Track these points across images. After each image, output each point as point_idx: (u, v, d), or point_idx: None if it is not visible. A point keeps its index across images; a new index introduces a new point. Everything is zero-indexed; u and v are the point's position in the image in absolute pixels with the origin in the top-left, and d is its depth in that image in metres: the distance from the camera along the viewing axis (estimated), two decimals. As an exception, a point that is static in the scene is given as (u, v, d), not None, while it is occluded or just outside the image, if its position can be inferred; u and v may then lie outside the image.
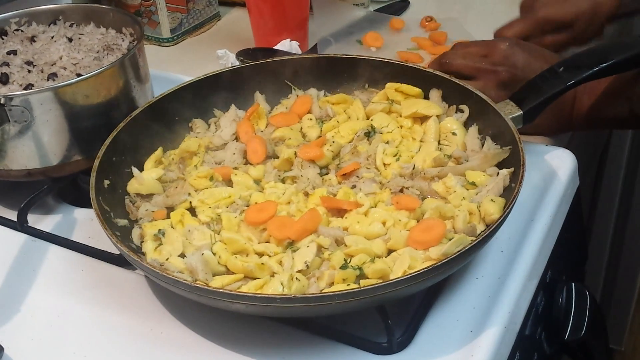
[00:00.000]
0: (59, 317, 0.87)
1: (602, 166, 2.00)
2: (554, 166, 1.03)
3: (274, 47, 1.33)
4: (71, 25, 1.14)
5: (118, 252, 0.87)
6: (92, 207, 0.87)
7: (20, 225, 1.00)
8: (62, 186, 1.05)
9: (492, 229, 0.79)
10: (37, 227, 1.00)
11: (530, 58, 1.04)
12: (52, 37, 1.10)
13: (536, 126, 1.01)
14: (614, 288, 2.29)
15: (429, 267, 0.75)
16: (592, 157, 1.75)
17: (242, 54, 1.31)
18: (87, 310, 0.88)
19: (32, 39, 1.10)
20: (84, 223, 1.02)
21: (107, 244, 0.94)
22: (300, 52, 1.34)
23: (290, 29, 1.36)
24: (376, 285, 0.74)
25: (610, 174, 2.05)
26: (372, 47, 1.39)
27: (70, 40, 1.09)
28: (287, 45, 1.33)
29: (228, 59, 1.32)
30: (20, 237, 0.99)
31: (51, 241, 0.98)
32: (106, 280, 0.92)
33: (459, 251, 0.77)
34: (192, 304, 0.83)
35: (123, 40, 1.10)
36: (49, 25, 1.14)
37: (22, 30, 1.13)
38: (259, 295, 0.75)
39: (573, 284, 1.02)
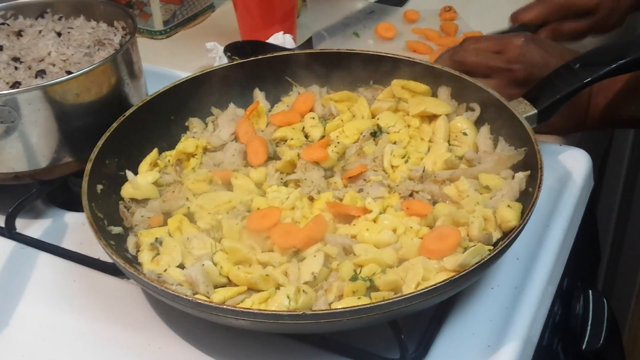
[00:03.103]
0: (50, 330, 0.83)
1: (605, 163, 1.96)
2: (569, 167, 0.99)
3: (266, 41, 1.27)
4: (60, 19, 1.08)
5: (112, 261, 0.82)
6: (83, 211, 0.83)
7: (8, 232, 0.95)
8: (51, 189, 1.00)
9: (512, 238, 0.75)
10: (26, 234, 0.96)
11: (547, 55, 0.99)
12: (40, 32, 1.04)
13: (549, 125, 0.97)
14: (615, 283, 2.27)
15: (445, 280, 0.71)
16: (596, 155, 1.71)
17: (230, 49, 1.22)
18: (80, 323, 0.83)
19: (19, 34, 1.05)
20: (75, 228, 0.98)
21: (99, 251, 0.89)
22: (294, 45, 1.28)
23: (279, 19, 1.30)
24: (390, 301, 0.69)
25: (613, 170, 2.02)
26: (370, 41, 1.36)
27: (59, 34, 1.04)
28: (281, 38, 1.28)
29: (217, 52, 1.27)
30: (8, 244, 0.94)
31: (41, 248, 0.94)
32: (100, 290, 0.88)
33: (477, 263, 0.72)
34: (192, 317, 0.78)
35: (115, 35, 1.05)
36: (36, 19, 1.08)
37: (7, 24, 1.07)
38: (266, 312, 0.70)
39: (590, 291, 0.98)
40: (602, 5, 1.15)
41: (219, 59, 1.26)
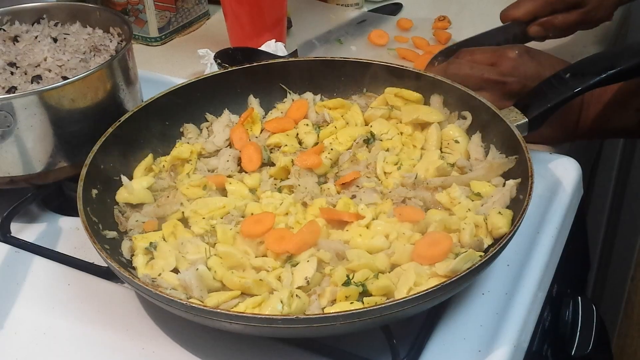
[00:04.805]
0: (44, 334, 0.83)
1: (594, 172, 1.98)
2: (559, 175, 1.00)
3: (258, 48, 1.28)
4: (56, 25, 1.09)
5: (106, 265, 0.82)
6: (77, 215, 0.83)
7: (3, 236, 0.95)
8: (46, 194, 1.00)
9: (502, 244, 0.76)
10: (21, 238, 0.96)
11: (540, 67, 1.00)
12: (36, 37, 1.05)
13: (541, 135, 0.98)
14: (604, 290, 2.28)
15: (437, 285, 0.71)
16: (586, 163, 1.73)
17: (220, 56, 1.23)
18: (74, 327, 0.84)
19: (15, 39, 1.05)
20: (69, 232, 0.98)
21: (94, 256, 0.89)
22: (285, 53, 1.29)
23: (269, 27, 1.31)
24: (382, 306, 0.70)
25: (602, 179, 2.03)
26: (353, 47, 1.38)
27: (55, 40, 1.04)
28: (273, 46, 1.29)
29: (209, 59, 1.28)
30: (2, 248, 0.94)
31: (35, 252, 0.94)
32: (94, 294, 0.88)
33: (468, 269, 0.73)
34: (185, 321, 0.78)
35: (111, 41, 1.05)
36: (32, 25, 1.09)
37: (4, 30, 1.08)
38: (259, 316, 0.71)
39: (579, 298, 0.99)
40: None
41: (210, 65, 1.27)
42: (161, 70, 1.32)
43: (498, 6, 1.43)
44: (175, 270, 0.82)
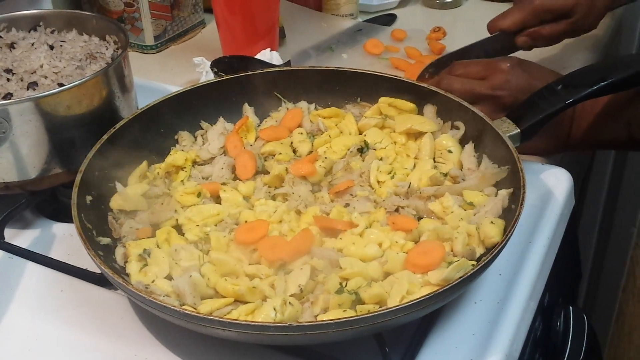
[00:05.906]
0: (37, 340, 0.83)
1: (586, 183, 1.99)
2: (550, 185, 1.01)
3: (254, 57, 1.29)
4: (52, 32, 1.09)
5: (99, 272, 0.82)
6: (71, 222, 0.83)
7: (-3, 241, 0.95)
8: (40, 200, 1.01)
9: (494, 253, 0.76)
10: (14, 243, 0.96)
11: (532, 79, 1.00)
12: (33, 44, 1.05)
13: (533, 147, 0.99)
14: (596, 301, 2.29)
15: (430, 294, 0.72)
16: (578, 174, 1.74)
17: (216, 64, 1.25)
18: (67, 333, 0.84)
19: (12, 46, 1.05)
20: (63, 239, 0.98)
21: (87, 262, 0.90)
22: (281, 62, 1.30)
23: (261, 35, 1.32)
24: (375, 314, 0.70)
25: (594, 190, 2.04)
26: (344, 55, 1.39)
27: (51, 47, 1.05)
28: (268, 55, 1.30)
29: (205, 67, 1.29)
30: (-4, 254, 0.95)
31: (29, 258, 0.94)
32: (87, 300, 0.88)
33: (460, 277, 0.74)
34: (178, 328, 0.79)
35: (107, 49, 1.06)
36: (29, 32, 1.09)
37: (0, 37, 1.08)
38: (252, 324, 0.71)
39: (570, 307, 0.99)
40: (578, 8, 1.15)
41: (205, 73, 1.28)
42: (157, 78, 1.33)
43: (491, 17, 1.44)
44: (169, 277, 0.82)
